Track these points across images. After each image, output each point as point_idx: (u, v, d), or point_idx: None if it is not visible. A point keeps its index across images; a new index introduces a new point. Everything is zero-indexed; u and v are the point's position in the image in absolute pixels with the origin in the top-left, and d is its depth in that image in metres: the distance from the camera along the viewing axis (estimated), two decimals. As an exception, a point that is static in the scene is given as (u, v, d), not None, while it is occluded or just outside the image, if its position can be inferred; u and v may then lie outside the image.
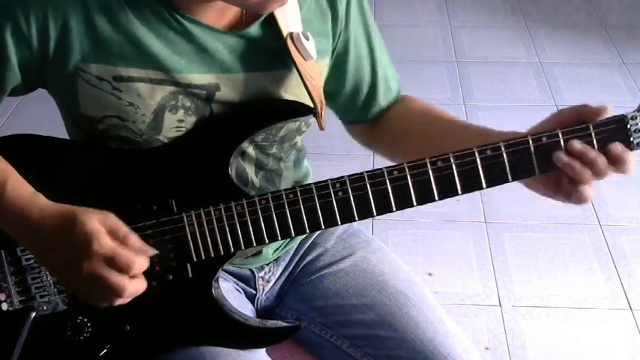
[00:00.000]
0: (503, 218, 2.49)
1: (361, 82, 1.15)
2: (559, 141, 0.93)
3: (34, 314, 0.96)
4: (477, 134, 1.01)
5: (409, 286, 1.14)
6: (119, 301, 0.89)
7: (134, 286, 0.88)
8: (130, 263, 0.87)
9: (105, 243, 0.87)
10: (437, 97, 3.17)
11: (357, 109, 1.18)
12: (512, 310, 2.13)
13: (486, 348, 2.00)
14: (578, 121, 0.94)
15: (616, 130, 0.93)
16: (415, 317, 1.10)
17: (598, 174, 0.92)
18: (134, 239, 0.90)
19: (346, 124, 1.24)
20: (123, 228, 0.90)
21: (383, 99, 1.18)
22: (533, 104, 3.13)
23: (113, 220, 0.90)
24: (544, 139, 0.93)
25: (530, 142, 0.93)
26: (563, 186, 0.94)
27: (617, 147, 0.93)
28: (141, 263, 0.89)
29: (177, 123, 1.00)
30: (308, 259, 1.20)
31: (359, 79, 1.15)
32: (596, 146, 0.93)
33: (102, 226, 0.88)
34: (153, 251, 0.91)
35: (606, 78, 3.34)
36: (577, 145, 0.92)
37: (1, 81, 0.97)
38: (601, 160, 0.92)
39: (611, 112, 0.94)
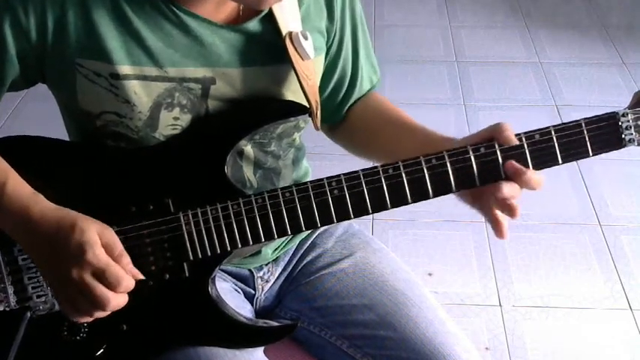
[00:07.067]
0: (503, 218, 2.48)
1: (342, 82, 1.16)
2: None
3: (30, 314, 0.96)
4: (422, 142, 1.00)
5: (409, 287, 1.14)
6: (98, 314, 0.90)
7: (117, 301, 0.89)
8: (120, 280, 0.88)
9: (99, 254, 0.87)
10: (437, 97, 3.17)
11: (333, 107, 1.18)
12: (512, 310, 2.12)
13: (486, 348, 2.00)
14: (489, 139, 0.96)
15: (607, 127, 0.95)
16: (415, 317, 1.09)
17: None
18: (127, 259, 0.90)
19: (323, 127, 1.22)
20: (119, 246, 0.90)
21: (354, 98, 1.18)
22: (533, 104, 3.13)
23: (111, 235, 0.90)
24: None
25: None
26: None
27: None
28: (128, 283, 0.89)
29: (172, 121, 1.00)
30: (307, 259, 1.19)
31: (341, 79, 1.16)
32: (588, 144, 0.94)
33: (99, 239, 0.88)
34: (141, 276, 0.92)
35: (606, 78, 3.33)
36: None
37: (1, 73, 0.97)
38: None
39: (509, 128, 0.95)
